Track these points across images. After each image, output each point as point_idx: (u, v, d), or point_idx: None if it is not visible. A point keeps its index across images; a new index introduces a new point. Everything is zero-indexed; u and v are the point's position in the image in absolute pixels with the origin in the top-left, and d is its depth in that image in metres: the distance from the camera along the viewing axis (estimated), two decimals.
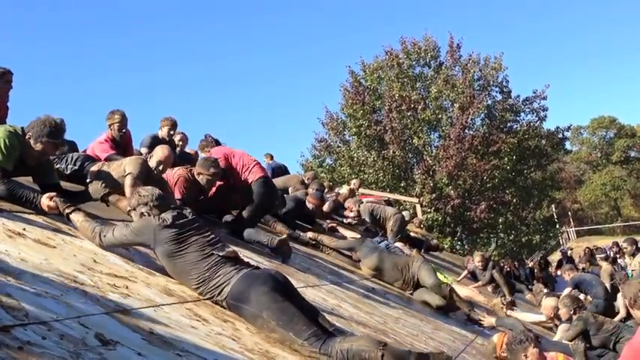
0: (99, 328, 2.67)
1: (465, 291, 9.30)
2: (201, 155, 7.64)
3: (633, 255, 11.93)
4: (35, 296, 2.76)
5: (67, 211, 4.39)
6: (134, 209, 4.37)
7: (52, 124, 4.71)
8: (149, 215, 4.19)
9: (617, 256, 16.73)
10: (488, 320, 7.46)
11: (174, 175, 6.50)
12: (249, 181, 6.97)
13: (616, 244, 20.64)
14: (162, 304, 3.45)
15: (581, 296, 9.95)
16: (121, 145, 7.72)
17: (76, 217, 4.35)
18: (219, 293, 3.87)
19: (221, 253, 3.97)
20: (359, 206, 11.78)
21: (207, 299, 3.88)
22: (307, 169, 27.63)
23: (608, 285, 11.12)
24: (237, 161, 7.10)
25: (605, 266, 12.21)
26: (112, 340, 2.59)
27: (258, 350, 3.32)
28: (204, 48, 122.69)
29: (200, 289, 3.92)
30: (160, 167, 5.93)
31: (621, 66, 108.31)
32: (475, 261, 12.73)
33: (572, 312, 7.37)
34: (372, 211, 11.65)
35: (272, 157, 14.21)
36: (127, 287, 3.48)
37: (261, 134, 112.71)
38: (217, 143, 7.88)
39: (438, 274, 8.80)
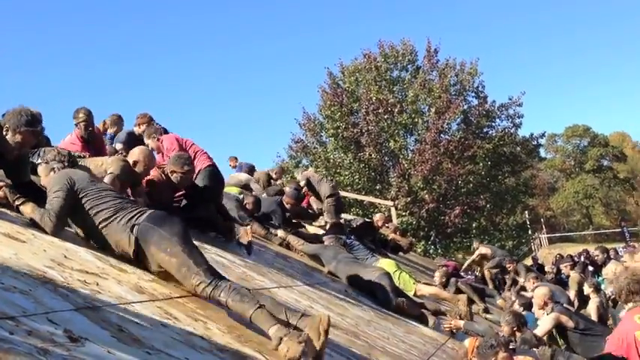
0: (68, 325, 2.64)
1: (429, 289, 9.26)
2: (149, 142, 7.47)
3: (604, 263, 12.08)
4: (3, 291, 2.73)
5: (16, 202, 4.31)
6: (47, 162, 4.37)
7: (29, 112, 4.64)
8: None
9: (587, 262, 16.93)
10: (456, 323, 7.44)
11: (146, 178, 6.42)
12: (198, 169, 6.96)
13: (586, 251, 20.92)
14: (133, 302, 3.42)
15: None
16: (92, 143, 7.64)
17: (25, 209, 4.27)
18: (136, 217, 4.03)
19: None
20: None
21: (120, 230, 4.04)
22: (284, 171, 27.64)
23: (573, 294, 11.20)
24: (187, 148, 7.10)
25: (573, 275, 12.29)
26: (80, 336, 2.56)
27: (229, 349, 3.31)
28: (179, 41, 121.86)
29: (112, 221, 4.06)
30: (136, 168, 5.90)
31: (596, 76, 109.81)
32: (436, 280, 12.29)
33: (514, 328, 7.24)
34: (309, 179, 11.32)
35: (237, 159, 14.08)
36: (97, 284, 3.44)
37: (237, 133, 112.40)
38: (165, 131, 7.75)
39: (403, 276, 8.83)
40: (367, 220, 14.09)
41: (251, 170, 12.70)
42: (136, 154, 5.99)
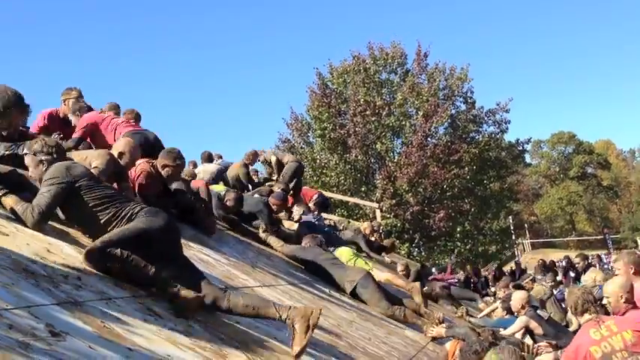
0: (49, 319, 2.63)
1: (384, 275, 9.24)
2: (72, 118, 7.41)
3: (585, 270, 12.14)
4: None
5: None
6: (34, 154, 4.31)
7: (13, 90, 4.54)
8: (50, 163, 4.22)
9: (569, 267, 17.09)
10: (438, 331, 7.35)
11: (136, 169, 6.32)
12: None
13: (567, 257, 21.10)
14: (116, 297, 3.41)
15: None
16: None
17: (7, 201, 4.15)
18: (136, 214, 4.00)
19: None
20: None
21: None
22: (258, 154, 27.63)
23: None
24: (107, 125, 7.10)
25: (538, 288, 12.26)
26: (62, 331, 2.56)
27: (210, 347, 3.31)
28: (169, 40, 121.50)
29: (116, 219, 4.01)
30: (121, 160, 5.84)
31: (583, 83, 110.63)
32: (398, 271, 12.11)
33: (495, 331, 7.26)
34: (276, 155, 12.88)
35: (220, 157, 14.04)
36: (79, 279, 3.43)
37: (223, 132, 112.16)
38: (90, 109, 7.62)
39: (359, 262, 8.89)
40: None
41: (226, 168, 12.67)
42: (120, 145, 5.92)
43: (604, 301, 5.46)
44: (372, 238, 13.22)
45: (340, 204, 25.37)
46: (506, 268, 25.99)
